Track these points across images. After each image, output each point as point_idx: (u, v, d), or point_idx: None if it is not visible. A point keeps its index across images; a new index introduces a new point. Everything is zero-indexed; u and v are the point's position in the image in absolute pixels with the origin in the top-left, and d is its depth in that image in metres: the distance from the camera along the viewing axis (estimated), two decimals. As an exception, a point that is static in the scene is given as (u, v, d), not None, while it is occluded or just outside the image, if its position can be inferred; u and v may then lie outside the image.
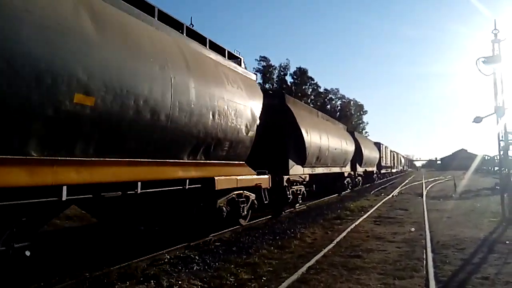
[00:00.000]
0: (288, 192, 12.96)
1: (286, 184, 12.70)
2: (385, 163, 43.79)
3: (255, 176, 10.06)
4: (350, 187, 24.32)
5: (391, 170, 52.45)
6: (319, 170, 16.33)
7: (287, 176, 12.67)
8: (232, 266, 6.48)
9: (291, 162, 13.03)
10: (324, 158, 16.41)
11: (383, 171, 42.88)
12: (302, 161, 14.00)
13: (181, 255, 7.31)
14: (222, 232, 9.38)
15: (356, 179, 26.47)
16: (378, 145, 38.72)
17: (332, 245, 8.13)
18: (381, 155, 38.89)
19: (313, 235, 9.47)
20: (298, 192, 14.21)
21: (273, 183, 11.22)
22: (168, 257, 7.07)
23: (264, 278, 5.84)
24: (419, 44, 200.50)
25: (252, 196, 10.03)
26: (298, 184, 14.07)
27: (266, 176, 10.73)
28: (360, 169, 27.11)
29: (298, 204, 14.77)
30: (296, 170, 13.54)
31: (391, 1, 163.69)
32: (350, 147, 21.76)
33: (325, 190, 20.11)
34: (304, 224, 11.08)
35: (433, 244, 8.15)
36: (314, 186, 16.58)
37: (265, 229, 10.13)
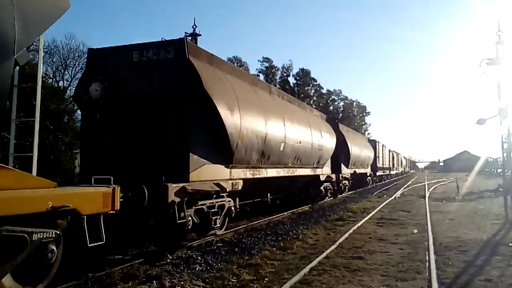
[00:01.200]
0: (182, 215, 7.15)
1: (177, 200, 6.90)
2: (382, 164, 38.62)
3: (51, 190, 4.61)
4: (330, 194, 19.00)
5: (389, 172, 46.62)
6: (271, 173, 10.97)
7: (181, 185, 6.99)
8: (235, 266, 6.48)
9: (195, 160, 7.54)
10: (278, 154, 11.06)
11: (379, 173, 37.14)
12: (226, 158, 8.61)
13: (183, 255, 7.31)
14: (225, 233, 9.34)
15: (341, 184, 21.27)
16: (373, 142, 34.38)
17: (334, 246, 8.12)
18: (377, 155, 34.10)
19: (315, 236, 9.46)
20: (215, 210, 8.30)
21: (141, 201, 6.37)
22: (171, 257, 7.08)
23: (266, 279, 5.85)
24: (421, 45, 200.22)
25: (45, 233, 4.54)
26: (218, 196, 8.39)
27: (99, 189, 5.40)
28: (346, 171, 22.09)
29: (219, 231, 8.83)
30: (210, 173, 8.01)
31: (394, 2, 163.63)
32: (329, 142, 16.22)
33: (291, 200, 15.21)
34: (307, 225, 11.07)
35: (436, 246, 8.13)
36: (268, 195, 12.31)
37: (267, 230, 10.11)
